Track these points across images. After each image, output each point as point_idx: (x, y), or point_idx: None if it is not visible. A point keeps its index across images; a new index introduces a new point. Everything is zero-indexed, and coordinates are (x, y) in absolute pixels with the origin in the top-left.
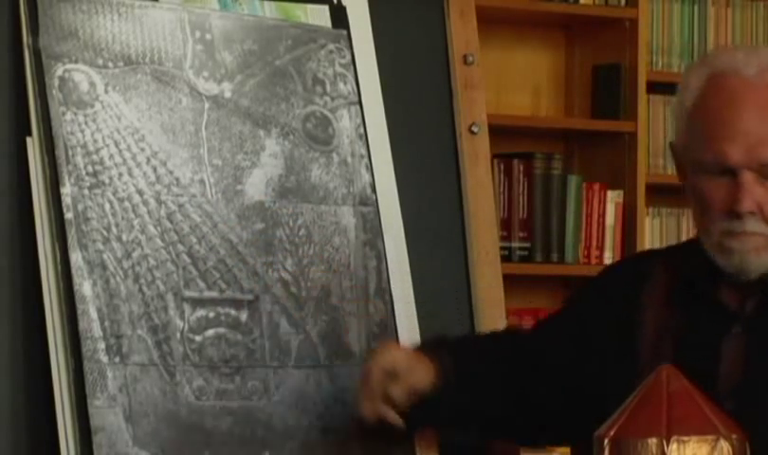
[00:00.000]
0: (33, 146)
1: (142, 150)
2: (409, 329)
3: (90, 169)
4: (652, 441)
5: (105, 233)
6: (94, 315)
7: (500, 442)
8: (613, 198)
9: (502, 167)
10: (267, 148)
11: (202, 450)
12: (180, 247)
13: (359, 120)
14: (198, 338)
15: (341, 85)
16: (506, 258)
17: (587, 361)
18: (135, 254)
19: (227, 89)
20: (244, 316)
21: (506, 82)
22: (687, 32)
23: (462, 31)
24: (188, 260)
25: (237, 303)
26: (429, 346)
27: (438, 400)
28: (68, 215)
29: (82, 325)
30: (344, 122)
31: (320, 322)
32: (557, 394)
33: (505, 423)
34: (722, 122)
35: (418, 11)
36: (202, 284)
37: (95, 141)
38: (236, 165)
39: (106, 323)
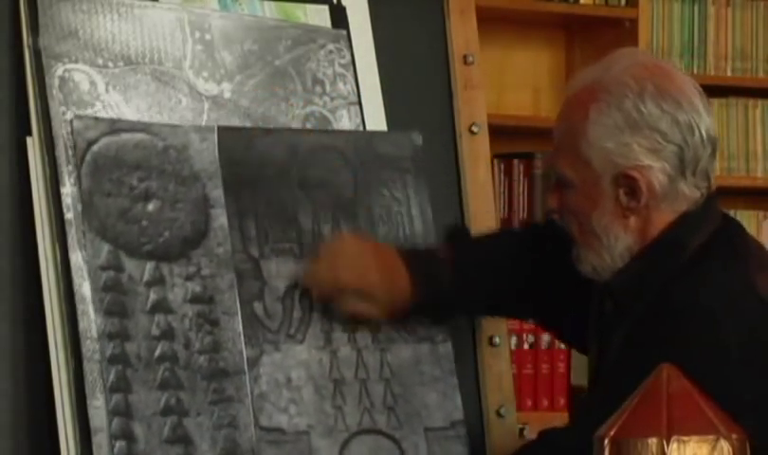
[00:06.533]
0: (33, 146)
1: None
2: None
3: None
4: (652, 441)
5: None
6: (94, 315)
7: None
8: None
9: (502, 167)
10: None
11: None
12: None
13: (359, 120)
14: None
15: (341, 85)
16: None
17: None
18: None
19: (226, 89)
20: None
21: (506, 82)
22: (687, 32)
23: (462, 31)
24: None
25: None
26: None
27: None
28: (68, 215)
29: (82, 325)
30: (344, 122)
31: None
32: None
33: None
34: None
35: (418, 11)
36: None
37: None
38: None
39: None
